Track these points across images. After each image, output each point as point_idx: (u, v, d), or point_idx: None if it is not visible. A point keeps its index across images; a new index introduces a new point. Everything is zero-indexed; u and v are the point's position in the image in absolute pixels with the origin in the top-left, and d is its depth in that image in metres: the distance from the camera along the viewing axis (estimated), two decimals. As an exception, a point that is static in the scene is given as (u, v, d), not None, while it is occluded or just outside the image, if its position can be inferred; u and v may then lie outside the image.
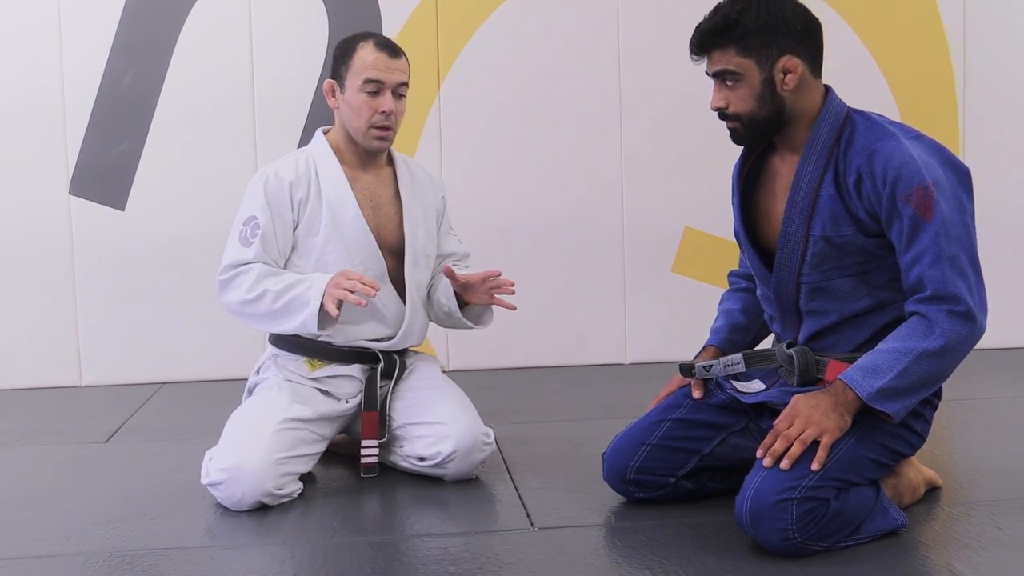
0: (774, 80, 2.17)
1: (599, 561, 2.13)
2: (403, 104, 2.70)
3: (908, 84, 4.28)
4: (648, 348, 4.27)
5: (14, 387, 4.06)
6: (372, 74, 2.63)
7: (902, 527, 2.21)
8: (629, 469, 2.39)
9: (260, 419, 2.56)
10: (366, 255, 2.67)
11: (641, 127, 4.23)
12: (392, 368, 2.74)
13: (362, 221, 2.66)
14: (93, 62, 4.03)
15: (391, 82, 2.65)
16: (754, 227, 2.34)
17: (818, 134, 2.19)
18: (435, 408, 2.67)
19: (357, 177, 2.72)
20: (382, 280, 2.68)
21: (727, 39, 2.16)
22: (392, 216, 2.73)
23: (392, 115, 2.66)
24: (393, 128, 2.69)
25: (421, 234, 2.76)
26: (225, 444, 2.53)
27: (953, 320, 2.08)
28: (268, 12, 4.08)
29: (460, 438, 2.61)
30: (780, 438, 2.10)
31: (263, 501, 2.46)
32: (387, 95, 2.64)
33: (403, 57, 2.70)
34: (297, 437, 2.56)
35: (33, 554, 2.25)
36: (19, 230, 4.05)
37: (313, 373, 2.69)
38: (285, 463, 2.50)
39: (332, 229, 2.65)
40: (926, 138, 2.18)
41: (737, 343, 2.53)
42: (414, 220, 2.75)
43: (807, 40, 2.19)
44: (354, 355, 2.71)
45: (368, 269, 2.66)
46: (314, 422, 2.61)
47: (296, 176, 2.67)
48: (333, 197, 2.67)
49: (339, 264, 2.64)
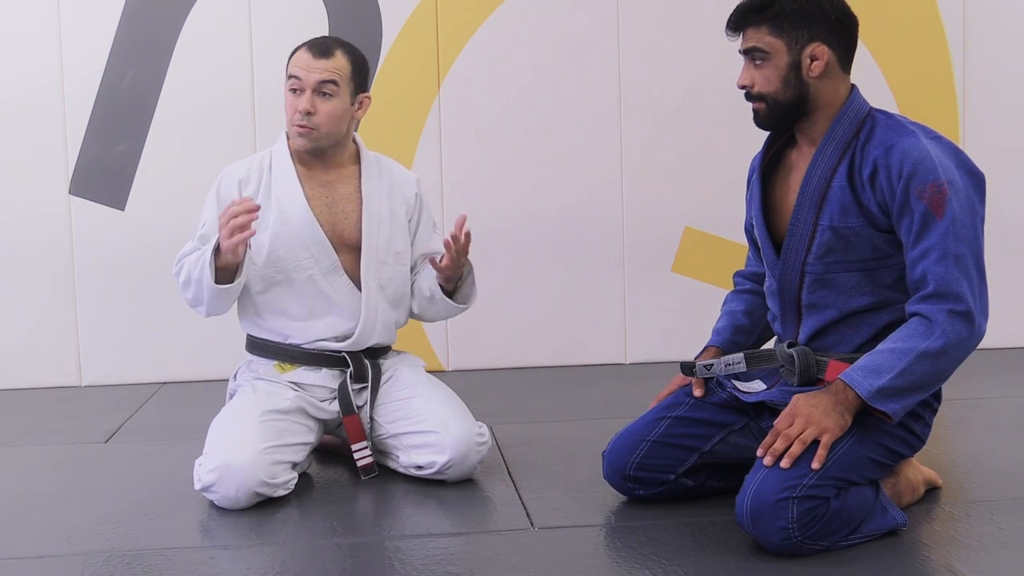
0: (801, 64, 2.20)
1: (599, 561, 2.13)
2: (332, 105, 2.65)
3: (908, 84, 4.28)
4: (648, 348, 4.27)
5: (14, 387, 4.05)
6: (292, 71, 2.66)
7: (902, 527, 2.21)
8: (629, 465, 2.39)
9: (241, 416, 2.58)
10: (315, 248, 2.68)
11: (641, 127, 4.23)
12: (363, 372, 2.73)
13: (309, 215, 2.68)
14: (93, 62, 4.03)
15: (309, 80, 2.63)
16: (767, 219, 2.36)
17: (837, 126, 2.22)
18: (425, 416, 2.66)
19: (314, 175, 2.74)
20: (336, 273, 2.69)
21: (762, 17, 2.21)
22: (351, 213, 2.74)
23: (311, 115, 2.63)
24: (314, 128, 2.65)
25: (385, 231, 2.75)
26: (211, 446, 2.54)
27: (953, 321, 2.09)
28: (268, 12, 4.08)
29: (455, 446, 2.60)
30: (780, 437, 2.10)
31: (259, 492, 2.46)
32: (306, 94, 2.63)
33: (334, 57, 2.65)
34: (281, 427, 2.57)
35: (33, 554, 2.25)
36: (19, 230, 4.05)
37: (283, 376, 2.70)
38: (273, 452, 2.51)
39: (281, 224, 2.68)
40: (945, 140, 2.20)
41: (739, 344, 2.53)
42: (374, 217, 2.73)
43: (840, 32, 2.22)
44: (322, 358, 2.71)
45: (319, 262, 2.68)
46: (293, 412, 2.63)
47: (247, 173, 2.73)
48: (282, 193, 2.70)
49: (289, 258, 2.68)
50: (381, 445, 2.74)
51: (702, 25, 4.13)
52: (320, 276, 2.69)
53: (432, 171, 4.13)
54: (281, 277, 2.69)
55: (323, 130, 2.66)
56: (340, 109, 2.67)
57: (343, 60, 2.67)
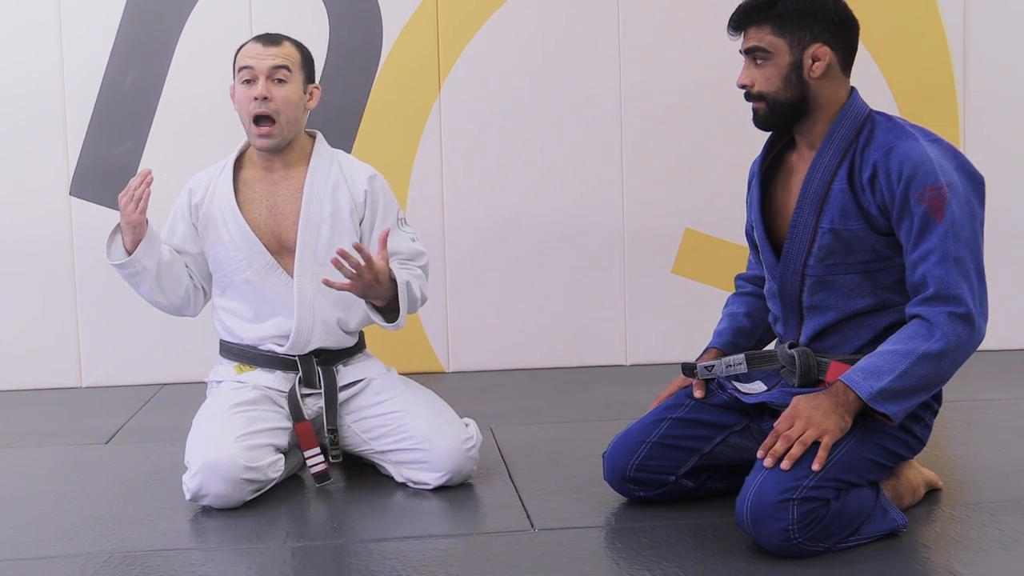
0: (802, 65, 2.20)
1: (599, 562, 2.13)
2: (287, 90, 2.65)
3: (908, 84, 4.28)
4: (648, 350, 4.27)
5: (14, 388, 4.05)
6: (243, 62, 2.67)
7: (902, 528, 2.21)
8: (629, 467, 2.39)
9: (210, 417, 2.61)
10: (247, 250, 2.70)
11: (641, 127, 4.23)
12: (311, 377, 2.70)
13: (240, 219, 2.70)
14: (94, 63, 4.03)
15: (262, 68, 2.63)
16: (767, 222, 2.36)
17: (837, 128, 2.22)
18: (410, 432, 2.63)
19: (261, 177, 2.75)
20: (272, 273, 2.69)
21: (764, 17, 2.21)
22: (289, 214, 2.73)
23: (267, 100, 2.63)
24: (272, 114, 2.64)
25: (324, 232, 2.71)
26: (189, 455, 2.55)
27: (954, 323, 2.09)
28: (269, 13, 4.08)
29: (445, 462, 2.59)
30: (781, 439, 2.10)
31: (246, 479, 2.47)
32: (260, 81, 2.63)
33: (282, 46, 2.68)
34: (252, 416, 2.58)
35: (33, 555, 2.26)
36: (19, 231, 4.05)
37: (240, 377, 2.71)
38: (249, 437, 2.52)
39: (223, 229, 2.71)
40: (944, 143, 2.20)
41: (740, 346, 2.53)
42: (311, 218, 2.70)
43: (842, 34, 2.23)
44: (275, 361, 2.71)
45: (252, 263, 2.70)
46: (261, 401, 2.64)
47: (198, 183, 2.78)
48: (222, 199, 2.73)
49: (229, 262, 2.72)
50: (370, 459, 2.73)
51: (702, 26, 4.12)
52: (256, 277, 2.70)
53: (432, 171, 4.13)
54: (226, 281, 2.74)
55: (283, 117, 2.65)
56: (295, 96, 2.67)
57: (292, 48, 2.70)
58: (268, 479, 2.53)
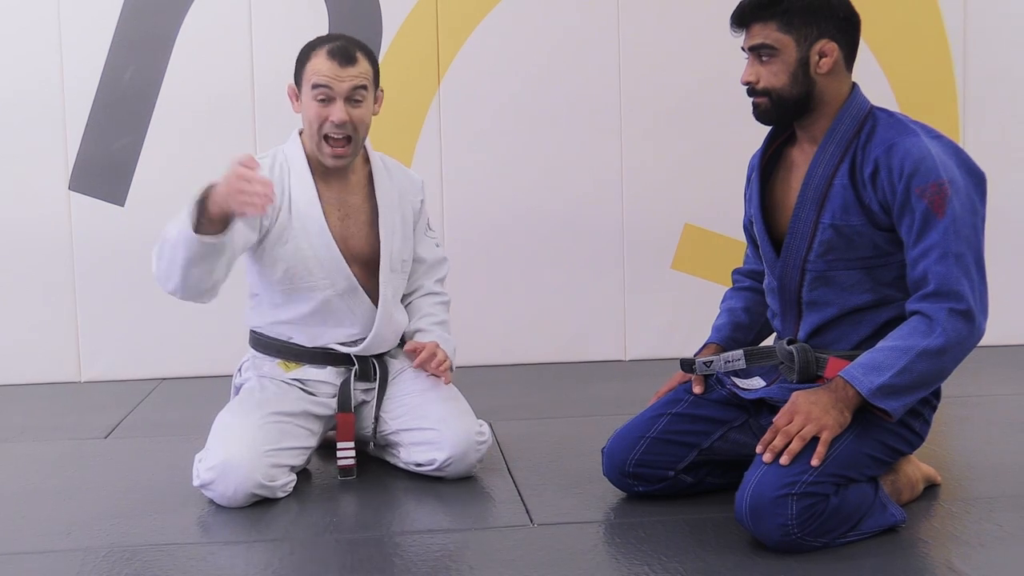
0: (809, 61, 2.20)
1: (598, 557, 2.13)
2: (363, 111, 2.59)
3: (909, 83, 4.28)
4: (648, 345, 4.28)
5: (14, 383, 4.05)
6: (319, 79, 2.55)
7: (901, 523, 2.22)
8: (628, 462, 2.39)
9: (244, 415, 2.57)
10: (331, 270, 2.63)
11: (641, 126, 4.23)
12: (368, 372, 2.72)
13: (328, 236, 2.62)
14: (93, 58, 4.02)
15: (341, 90, 2.55)
16: (767, 217, 2.35)
17: (839, 124, 2.22)
18: (426, 413, 2.66)
19: (328, 184, 2.67)
20: (353, 294, 2.65)
21: (770, 13, 2.20)
22: (362, 224, 2.68)
23: (347, 124, 2.56)
24: (351, 137, 2.59)
25: (398, 241, 2.71)
26: (212, 443, 2.53)
27: (954, 319, 2.09)
28: (268, 9, 4.08)
29: (453, 444, 2.61)
30: (780, 434, 2.10)
31: (256, 493, 2.46)
32: (337, 103, 2.56)
33: (358, 64, 2.57)
34: (283, 430, 2.56)
35: (33, 550, 2.26)
36: (19, 226, 4.05)
37: (288, 375, 2.69)
38: (273, 455, 2.50)
39: (303, 240, 2.61)
40: (946, 139, 2.21)
41: (739, 341, 2.53)
42: (390, 228, 2.69)
43: (847, 30, 2.23)
44: (328, 357, 2.69)
45: (334, 284, 2.64)
46: (299, 416, 2.61)
47: (269, 174, 2.60)
48: (303, 210, 2.62)
49: (307, 277, 2.62)
50: (384, 441, 2.74)
51: (702, 23, 4.13)
52: (336, 296, 2.65)
53: (431, 169, 4.13)
54: (294, 293, 2.65)
55: (359, 135, 2.61)
56: (370, 112, 2.64)
57: (366, 64, 2.60)
58: (275, 496, 2.51)
